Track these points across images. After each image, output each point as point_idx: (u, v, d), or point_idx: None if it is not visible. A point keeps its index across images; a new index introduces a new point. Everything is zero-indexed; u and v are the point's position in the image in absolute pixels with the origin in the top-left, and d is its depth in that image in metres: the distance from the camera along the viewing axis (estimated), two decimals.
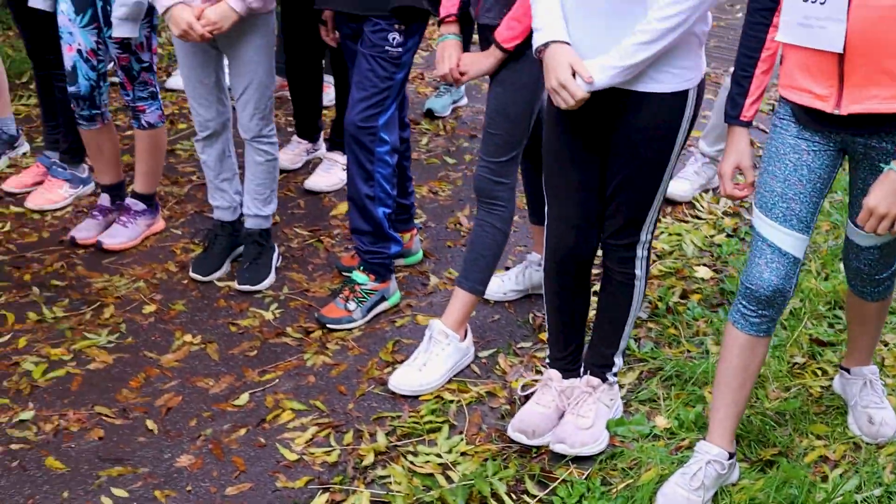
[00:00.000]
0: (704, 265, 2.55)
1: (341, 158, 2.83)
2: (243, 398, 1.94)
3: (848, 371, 1.89)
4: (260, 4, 2.11)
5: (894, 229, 1.40)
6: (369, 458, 1.75)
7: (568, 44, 1.55)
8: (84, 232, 2.56)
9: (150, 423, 1.84)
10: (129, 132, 2.94)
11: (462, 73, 1.92)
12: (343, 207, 2.71)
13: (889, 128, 1.41)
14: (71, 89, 2.43)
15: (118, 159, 2.66)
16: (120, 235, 2.54)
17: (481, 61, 1.89)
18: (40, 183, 2.83)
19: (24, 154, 3.11)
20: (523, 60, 1.81)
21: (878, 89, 1.36)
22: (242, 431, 1.83)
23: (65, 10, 2.36)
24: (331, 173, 2.97)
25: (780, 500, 1.60)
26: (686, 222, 2.80)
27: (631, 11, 1.51)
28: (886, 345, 2.14)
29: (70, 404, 1.90)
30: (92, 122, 2.49)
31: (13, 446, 1.76)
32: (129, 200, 2.60)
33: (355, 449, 1.78)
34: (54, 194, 2.78)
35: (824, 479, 1.70)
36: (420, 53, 3.74)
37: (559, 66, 1.53)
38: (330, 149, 3.06)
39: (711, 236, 2.72)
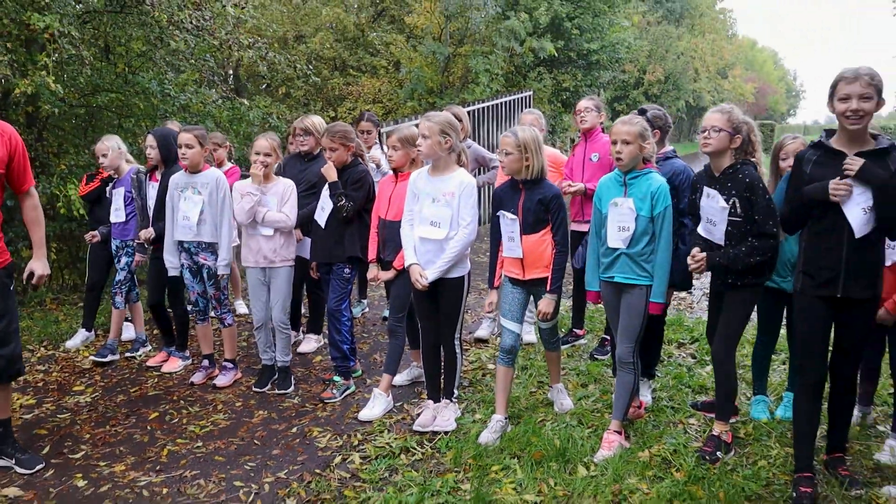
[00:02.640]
0: None
1: (315, 337, 5.51)
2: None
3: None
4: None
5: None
6: (373, 452, 4.19)
7: (417, 263, 4.24)
8: (197, 377, 5.03)
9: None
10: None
11: (376, 280, 4.64)
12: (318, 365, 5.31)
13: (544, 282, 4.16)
14: (193, 308, 5.02)
15: (212, 342, 5.20)
16: (224, 379, 5.01)
17: (388, 274, 4.59)
18: (166, 360, 5.33)
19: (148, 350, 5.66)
20: (404, 275, 4.53)
21: (539, 270, 4.13)
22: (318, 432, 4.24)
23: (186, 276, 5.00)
24: (310, 344, 5.62)
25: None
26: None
27: (440, 248, 4.21)
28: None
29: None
30: (204, 321, 5.05)
31: None
32: (224, 362, 5.10)
33: (349, 443, 4.22)
34: (176, 364, 5.26)
35: None
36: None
37: (414, 272, 4.21)
38: (307, 332, 5.72)
39: None
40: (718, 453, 3.75)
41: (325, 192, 4.79)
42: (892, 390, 4.34)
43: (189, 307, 5.26)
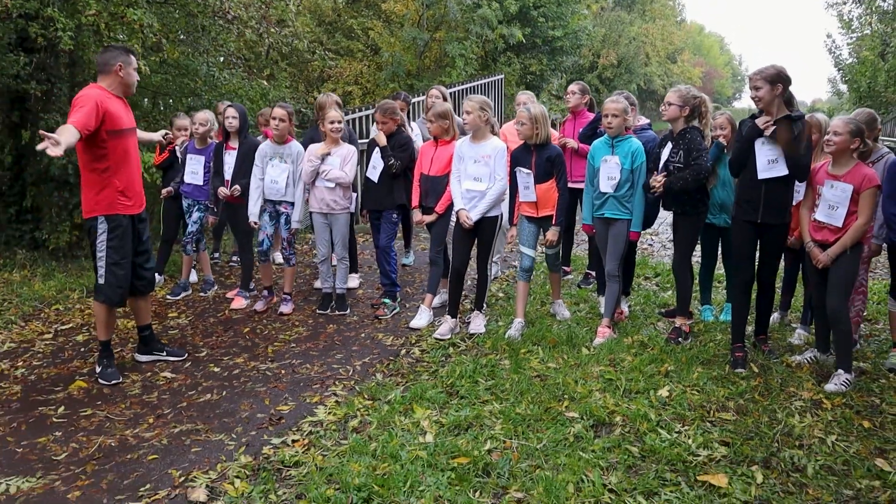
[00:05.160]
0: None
1: (356, 275, 6.85)
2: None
3: None
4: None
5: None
6: (404, 363, 5.56)
7: (464, 208, 5.55)
8: (259, 305, 6.31)
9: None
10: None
11: (421, 223, 6.00)
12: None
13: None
14: (258, 248, 6.29)
15: (272, 277, 6.47)
16: (287, 307, 6.29)
17: (430, 217, 5.92)
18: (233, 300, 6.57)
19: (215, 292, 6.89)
20: (444, 216, 5.87)
21: (547, 209, 5.53)
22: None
23: (264, 219, 6.25)
24: (354, 280, 6.95)
25: None
26: None
27: (482, 196, 5.52)
28: None
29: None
30: (266, 261, 6.33)
31: None
32: (284, 294, 6.37)
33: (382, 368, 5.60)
34: (241, 303, 6.49)
35: None
36: None
37: (462, 214, 5.51)
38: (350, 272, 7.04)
39: None
40: (680, 339, 5.25)
41: (376, 153, 6.12)
42: (803, 299, 5.89)
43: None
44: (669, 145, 5.16)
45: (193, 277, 7.21)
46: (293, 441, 3.88)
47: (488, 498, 3.21)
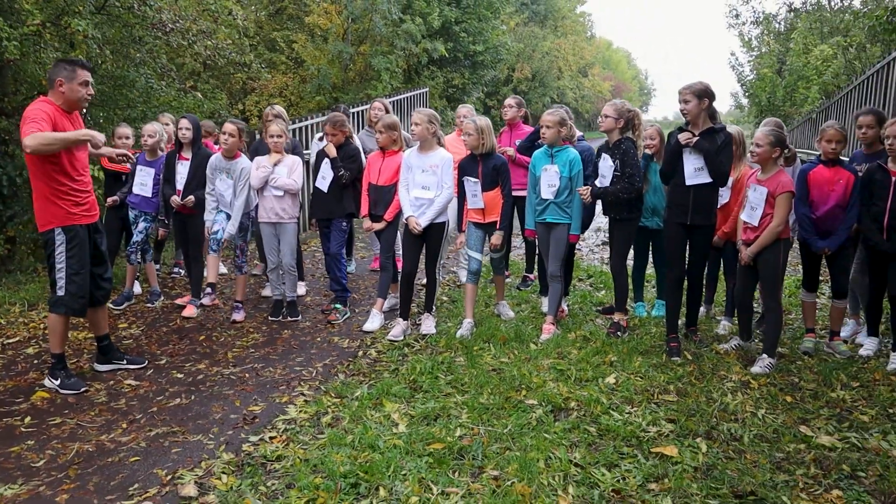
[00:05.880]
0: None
1: (302, 283, 7.00)
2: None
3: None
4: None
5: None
6: (363, 364, 5.79)
7: (413, 215, 5.83)
8: (206, 300, 6.39)
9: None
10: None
11: (371, 230, 6.24)
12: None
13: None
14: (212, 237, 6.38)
15: (217, 273, 6.56)
16: (239, 315, 6.39)
17: (379, 225, 6.17)
18: (185, 307, 6.59)
19: (161, 302, 6.89)
20: (393, 224, 6.15)
21: (493, 216, 5.88)
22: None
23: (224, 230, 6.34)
24: (301, 288, 7.10)
25: None
26: None
27: (430, 204, 5.82)
28: None
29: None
30: (216, 252, 6.41)
31: None
32: (235, 303, 6.46)
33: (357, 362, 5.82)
34: (193, 311, 6.54)
35: None
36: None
37: (411, 221, 5.77)
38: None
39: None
40: (619, 333, 5.68)
41: (325, 164, 6.33)
42: (725, 293, 6.45)
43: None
44: (606, 156, 5.60)
45: (137, 288, 7.21)
46: (271, 438, 4.05)
47: (467, 477, 3.50)
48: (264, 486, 3.50)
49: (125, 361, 5.23)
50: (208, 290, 6.58)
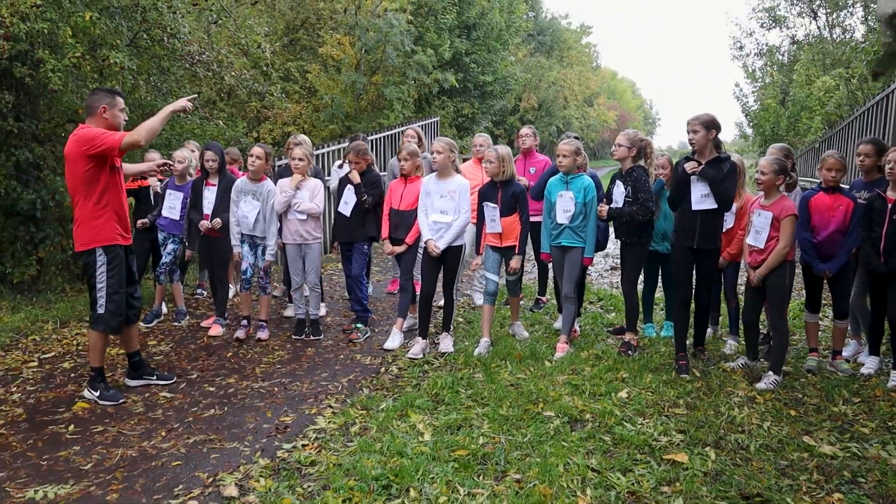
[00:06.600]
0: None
1: (323, 304, 7.28)
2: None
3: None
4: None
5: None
6: (386, 379, 6.05)
7: (431, 238, 6.12)
8: (240, 333, 6.66)
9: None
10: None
11: (392, 253, 6.53)
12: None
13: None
14: (242, 277, 6.66)
15: (251, 307, 6.85)
16: (264, 333, 6.66)
17: (400, 248, 6.46)
18: (210, 328, 6.88)
19: (188, 321, 7.17)
20: (412, 247, 6.44)
21: (510, 240, 6.17)
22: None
23: (245, 249, 6.64)
24: (322, 309, 7.38)
25: None
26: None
27: (447, 227, 6.13)
28: None
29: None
30: (248, 289, 6.70)
31: None
32: (260, 322, 6.74)
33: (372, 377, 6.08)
34: (218, 330, 6.82)
35: None
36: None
37: (430, 244, 6.08)
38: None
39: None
40: (629, 352, 5.93)
41: (348, 190, 6.64)
42: (728, 312, 6.70)
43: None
44: (619, 182, 5.90)
45: (163, 308, 7.49)
46: (303, 445, 4.30)
47: (491, 480, 3.74)
48: (301, 488, 3.74)
49: (155, 377, 5.49)
50: (244, 322, 6.78)
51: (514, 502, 3.46)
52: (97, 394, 5.10)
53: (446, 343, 6.22)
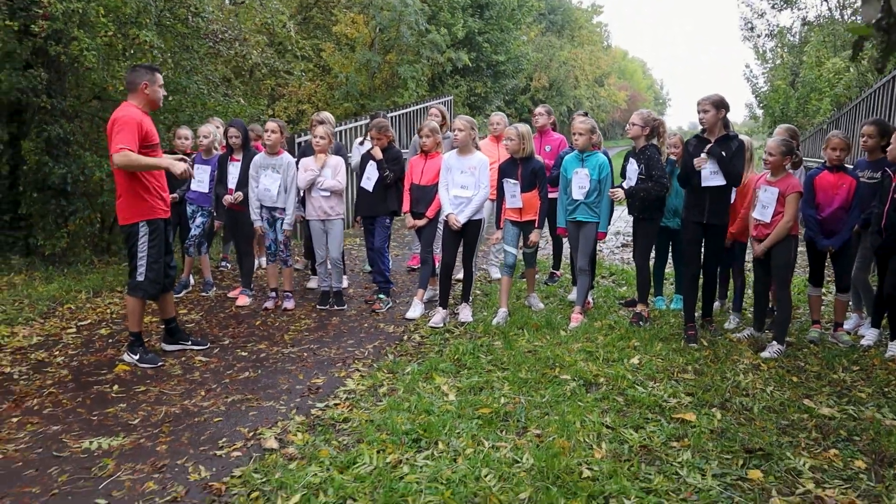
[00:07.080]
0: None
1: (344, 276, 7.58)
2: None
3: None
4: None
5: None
6: (409, 346, 6.34)
7: (452, 213, 6.38)
8: (269, 304, 6.96)
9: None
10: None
11: (413, 227, 6.80)
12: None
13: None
14: (267, 251, 6.95)
15: (277, 278, 7.15)
16: (290, 303, 6.96)
17: (421, 222, 6.73)
18: (237, 298, 7.18)
19: (215, 292, 7.48)
20: (433, 221, 6.70)
21: (530, 215, 6.43)
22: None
23: (265, 226, 6.92)
24: (345, 281, 7.67)
25: None
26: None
27: (468, 202, 6.38)
28: None
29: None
30: (273, 261, 6.99)
31: None
32: (285, 293, 7.03)
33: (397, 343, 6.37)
34: (245, 300, 7.12)
35: None
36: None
37: (451, 218, 6.34)
38: None
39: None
40: (640, 322, 6.21)
41: (370, 166, 6.89)
42: (735, 288, 6.96)
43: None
44: (633, 160, 6.14)
45: (191, 279, 7.79)
46: (335, 404, 4.60)
47: (513, 435, 4.03)
48: (336, 441, 4.04)
49: (190, 342, 5.79)
50: (272, 293, 7.06)
51: (536, 454, 3.75)
52: (136, 357, 5.41)
53: (465, 313, 6.51)
